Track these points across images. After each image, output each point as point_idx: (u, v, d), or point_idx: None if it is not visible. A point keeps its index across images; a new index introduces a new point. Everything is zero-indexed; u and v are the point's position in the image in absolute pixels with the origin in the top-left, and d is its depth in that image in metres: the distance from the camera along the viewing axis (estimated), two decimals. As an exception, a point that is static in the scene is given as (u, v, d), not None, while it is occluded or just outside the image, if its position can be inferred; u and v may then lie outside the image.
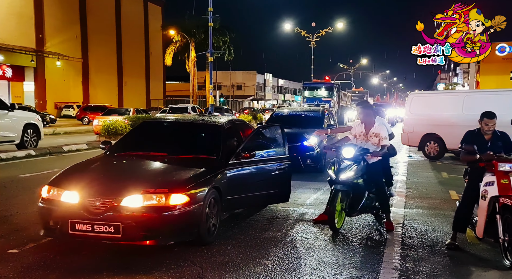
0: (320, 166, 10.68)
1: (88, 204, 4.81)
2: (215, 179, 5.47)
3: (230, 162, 5.88)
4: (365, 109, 6.32)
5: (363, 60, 71.84)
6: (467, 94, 14.80)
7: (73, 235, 4.81)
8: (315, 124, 11.57)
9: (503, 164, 4.94)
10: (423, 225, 6.49)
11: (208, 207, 5.21)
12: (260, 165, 6.41)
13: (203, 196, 5.12)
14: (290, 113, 13.27)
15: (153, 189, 4.85)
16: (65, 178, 5.30)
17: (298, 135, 10.63)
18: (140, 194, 4.79)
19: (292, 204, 7.60)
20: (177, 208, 4.80)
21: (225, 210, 5.78)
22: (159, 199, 4.78)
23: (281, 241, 5.61)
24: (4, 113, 13.75)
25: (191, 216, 4.94)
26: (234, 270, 4.62)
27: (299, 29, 45.50)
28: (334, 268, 4.74)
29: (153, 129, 7.05)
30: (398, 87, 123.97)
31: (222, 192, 5.54)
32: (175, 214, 4.78)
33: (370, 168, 6.12)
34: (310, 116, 12.71)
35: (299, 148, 10.44)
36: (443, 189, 9.36)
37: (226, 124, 6.56)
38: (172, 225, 4.83)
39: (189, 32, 41.11)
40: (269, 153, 6.71)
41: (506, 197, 4.81)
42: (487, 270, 4.80)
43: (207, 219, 5.21)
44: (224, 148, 6.05)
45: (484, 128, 5.34)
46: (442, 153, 14.17)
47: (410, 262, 5.00)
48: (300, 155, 10.37)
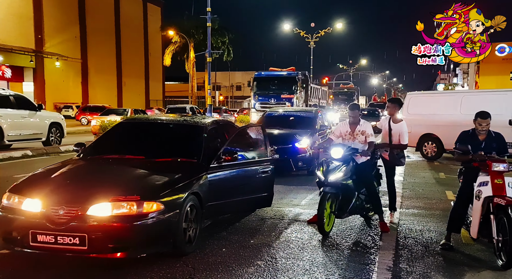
0: (313, 168, 10.23)
1: (51, 213, 4.41)
2: (194, 184, 5.12)
3: (211, 166, 5.51)
4: (352, 110, 6.41)
5: (362, 60, 71.90)
6: (465, 95, 14.79)
7: (35, 247, 4.42)
8: (308, 126, 11.36)
9: (497, 164, 4.93)
10: (418, 225, 6.46)
11: (186, 215, 4.88)
12: (243, 168, 6.11)
13: (180, 203, 4.78)
14: (282, 113, 13.01)
15: (123, 196, 4.48)
16: (27, 184, 4.90)
17: (289, 137, 10.39)
18: (108, 201, 4.43)
19: (287, 204, 7.58)
20: (150, 216, 4.45)
21: (207, 217, 5.43)
22: (129, 207, 4.42)
23: (275, 241, 5.59)
24: (32, 113, 14.93)
25: (166, 225, 4.59)
26: (227, 271, 4.60)
27: (298, 30, 45.47)
28: (327, 269, 4.72)
29: (131, 130, 6.59)
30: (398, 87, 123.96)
31: (202, 198, 5.20)
32: (147, 223, 4.42)
33: (359, 168, 6.10)
34: (303, 117, 12.40)
35: (291, 149, 10.19)
36: (439, 189, 9.34)
37: (209, 126, 6.22)
38: (145, 235, 4.48)
39: (188, 32, 41.14)
40: (252, 155, 6.45)
41: (500, 197, 4.80)
42: (481, 270, 4.79)
43: (185, 228, 4.86)
44: (206, 151, 5.68)
45: (477, 128, 5.33)
46: (440, 153, 14.15)
47: (404, 262, 4.98)
48: (292, 157, 10.14)
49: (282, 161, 9.42)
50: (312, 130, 10.97)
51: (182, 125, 6.47)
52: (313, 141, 10.24)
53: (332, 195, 5.80)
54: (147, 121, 7.18)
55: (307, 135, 10.36)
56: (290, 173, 10.35)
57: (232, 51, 44.06)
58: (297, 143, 10.18)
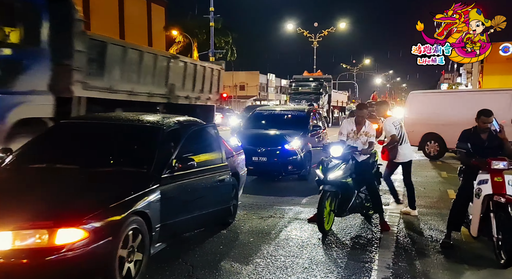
0: (304, 172, 9.55)
1: None
2: (138, 201, 4.05)
3: (163, 176, 4.48)
4: (360, 110, 6.47)
5: (366, 60, 71.70)
6: (468, 94, 14.74)
7: None
8: (299, 126, 10.30)
9: (497, 162, 4.90)
10: (419, 224, 6.45)
11: (126, 242, 3.84)
12: (200, 177, 5.08)
13: (115, 227, 3.71)
14: (272, 112, 11.75)
15: (29, 222, 3.42)
16: None
17: (279, 138, 9.52)
18: (9, 230, 3.37)
19: (287, 202, 7.58)
20: (68, 248, 3.38)
21: (160, 240, 4.45)
22: (39, 236, 3.37)
23: (274, 239, 5.58)
24: None
25: (93, 259, 3.53)
26: (225, 268, 4.60)
27: (301, 29, 45.43)
28: (326, 267, 4.71)
29: (70, 132, 5.42)
30: (401, 87, 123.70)
31: (151, 218, 4.17)
32: (65, 257, 3.37)
33: (359, 166, 6.09)
34: (294, 116, 11.19)
35: (280, 152, 9.29)
36: (441, 188, 9.32)
37: (168, 127, 5.12)
38: (61, 274, 3.46)
39: (191, 32, 41.22)
40: (208, 162, 5.38)
41: (500, 195, 4.78)
42: (481, 269, 4.77)
43: (122, 259, 3.82)
44: (159, 158, 4.62)
45: (481, 126, 5.30)
46: (442, 152, 14.10)
47: (404, 260, 4.97)
48: (281, 160, 9.25)
49: (271, 164, 9.22)
50: (304, 131, 10.11)
51: (133, 126, 5.29)
52: (304, 142, 9.62)
53: (332, 193, 5.79)
54: (90, 121, 5.88)
55: (298, 137, 9.57)
56: (278, 177, 9.71)
57: (236, 51, 44.08)
58: (287, 144, 9.32)
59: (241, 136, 9.41)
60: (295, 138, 9.44)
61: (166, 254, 4.87)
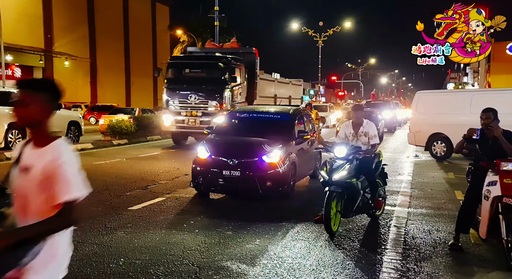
0: (286, 189, 7.68)
1: None
2: None
3: None
4: (356, 111, 6.48)
5: (371, 59, 71.47)
6: (475, 94, 14.63)
7: None
8: (282, 131, 8.44)
9: (506, 163, 4.85)
10: (427, 225, 6.40)
11: None
12: None
13: None
14: (250, 114, 9.30)
15: None
16: None
17: (255, 147, 7.75)
18: None
19: (293, 202, 7.53)
20: None
21: None
22: None
23: (281, 241, 5.55)
24: None
25: None
26: (232, 270, 4.57)
27: (306, 29, 45.30)
28: (334, 269, 4.68)
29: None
30: (407, 86, 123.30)
31: None
32: None
33: (360, 162, 6.08)
34: (276, 120, 8.96)
35: (256, 164, 7.50)
36: (448, 189, 9.25)
37: None
38: None
39: (196, 31, 41.18)
40: None
41: (509, 196, 4.72)
42: (490, 271, 4.71)
43: None
44: None
45: (481, 123, 5.30)
46: (449, 152, 13.99)
47: (412, 262, 4.92)
48: (257, 174, 7.42)
49: (244, 180, 7.41)
50: (288, 138, 8.23)
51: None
52: (287, 152, 7.83)
53: (338, 194, 5.76)
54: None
55: (280, 146, 7.72)
56: (254, 197, 7.73)
57: (241, 51, 43.97)
58: (266, 155, 7.54)
59: (211, 145, 7.94)
60: (276, 148, 7.65)
61: (173, 255, 4.86)
